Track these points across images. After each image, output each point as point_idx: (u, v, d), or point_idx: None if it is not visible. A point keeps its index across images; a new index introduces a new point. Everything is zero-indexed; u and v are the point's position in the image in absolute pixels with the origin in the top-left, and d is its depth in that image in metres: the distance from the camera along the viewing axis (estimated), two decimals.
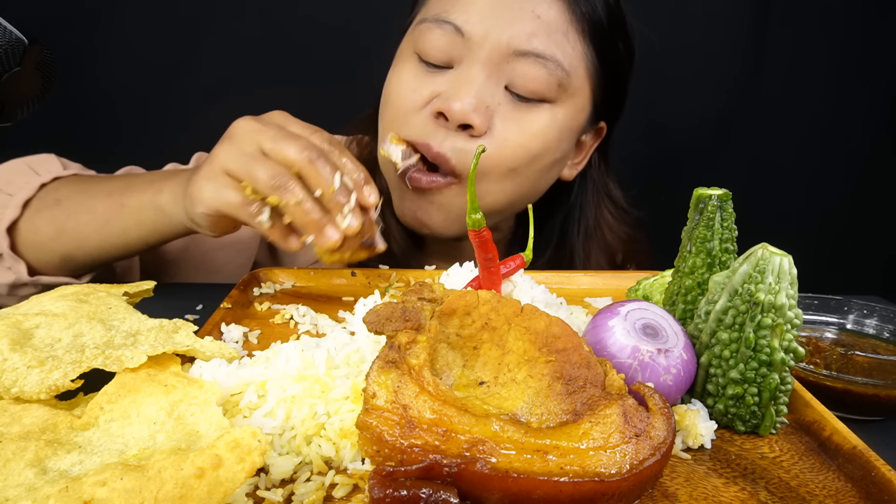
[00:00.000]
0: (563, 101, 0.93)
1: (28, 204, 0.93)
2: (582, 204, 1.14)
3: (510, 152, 0.91)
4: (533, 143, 0.92)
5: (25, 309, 0.69)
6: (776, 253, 0.62)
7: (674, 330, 0.67)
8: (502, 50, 0.90)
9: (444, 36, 0.91)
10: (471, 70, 0.90)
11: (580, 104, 0.97)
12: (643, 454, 0.50)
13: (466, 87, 0.89)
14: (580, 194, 1.14)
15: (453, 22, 0.91)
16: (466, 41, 0.91)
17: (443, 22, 0.91)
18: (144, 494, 0.44)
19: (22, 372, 0.57)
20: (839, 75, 1.91)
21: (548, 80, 0.90)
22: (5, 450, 0.49)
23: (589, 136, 1.08)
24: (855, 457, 0.58)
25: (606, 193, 1.15)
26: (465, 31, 0.90)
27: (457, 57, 0.92)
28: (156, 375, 0.59)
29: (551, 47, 0.90)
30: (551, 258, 1.15)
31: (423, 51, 0.94)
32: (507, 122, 0.91)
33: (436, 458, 0.47)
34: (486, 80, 0.90)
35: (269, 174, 0.72)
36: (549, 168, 0.98)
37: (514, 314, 0.61)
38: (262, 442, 0.48)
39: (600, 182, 1.15)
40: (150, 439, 0.53)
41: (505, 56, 0.90)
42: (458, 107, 0.88)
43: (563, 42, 0.92)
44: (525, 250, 0.82)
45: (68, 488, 0.44)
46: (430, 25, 0.93)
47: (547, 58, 0.90)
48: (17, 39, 0.84)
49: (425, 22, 0.94)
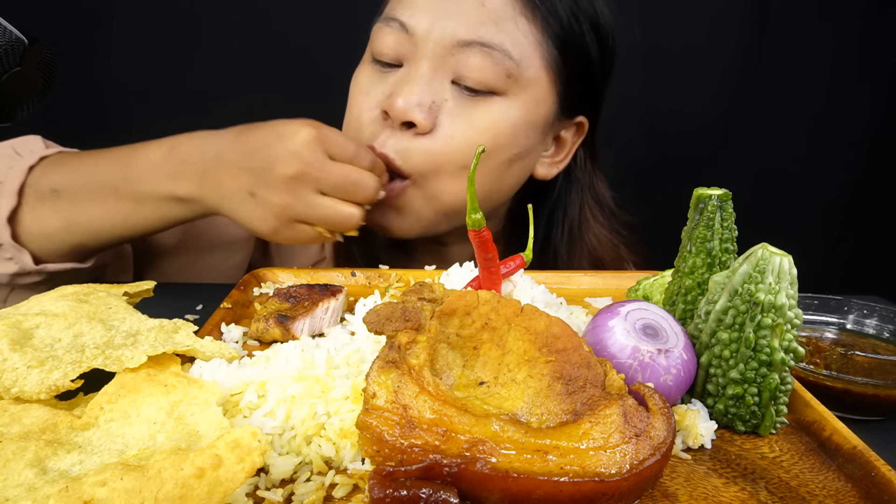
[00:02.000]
0: (516, 93, 0.90)
1: (22, 190, 0.90)
2: (566, 204, 1.09)
3: (457, 149, 0.88)
4: (483, 139, 0.88)
5: (25, 309, 0.69)
6: (776, 253, 0.62)
7: (674, 330, 0.67)
8: (447, 42, 0.87)
9: (392, 34, 0.90)
10: (417, 67, 0.88)
11: (538, 96, 0.92)
12: (643, 454, 0.50)
13: (409, 85, 0.87)
14: (563, 194, 1.10)
15: (399, 18, 0.90)
16: (412, 37, 0.89)
17: (390, 20, 0.91)
18: (144, 494, 0.44)
19: (22, 372, 0.57)
20: (840, 75, 1.91)
21: (494, 69, 0.86)
22: (5, 450, 0.49)
23: (569, 133, 1.04)
24: (855, 457, 0.58)
25: (592, 194, 1.11)
26: (409, 26, 0.89)
27: (404, 54, 0.90)
28: (156, 375, 0.59)
29: (498, 35, 0.87)
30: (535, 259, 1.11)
31: (376, 52, 0.93)
32: (455, 118, 0.88)
33: (436, 458, 0.47)
34: (432, 75, 0.88)
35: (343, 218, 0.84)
36: (507, 164, 0.94)
37: (514, 314, 0.61)
38: (262, 442, 0.48)
39: (586, 181, 1.10)
40: (150, 439, 0.53)
41: (449, 49, 0.87)
42: (400, 104, 0.86)
43: (511, 30, 0.88)
44: (525, 250, 0.82)
45: (68, 488, 0.44)
46: (380, 25, 0.92)
47: (493, 46, 0.86)
48: (17, 39, 0.84)
49: (377, 23, 0.94)
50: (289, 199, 0.83)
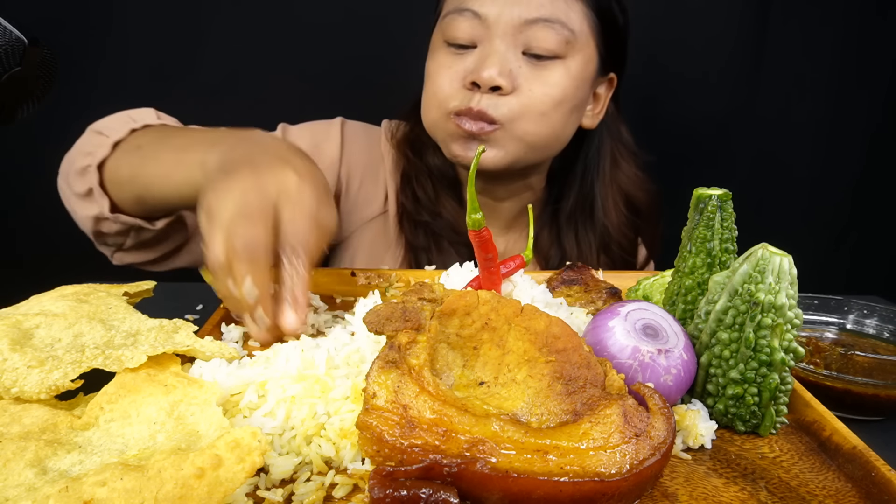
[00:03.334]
0: (573, 56, 1.11)
1: (118, 146, 1.05)
2: (599, 148, 1.29)
3: (538, 100, 1.09)
4: (555, 91, 1.10)
5: (25, 309, 0.69)
6: (776, 253, 0.62)
7: (674, 330, 0.67)
8: (515, 23, 1.07)
9: (466, 21, 1.10)
10: (492, 44, 1.08)
11: (587, 56, 1.14)
12: (643, 454, 0.50)
13: (491, 59, 1.07)
14: (598, 142, 1.29)
15: (471, 8, 1.09)
16: (484, 22, 1.09)
17: (463, 10, 1.10)
18: (144, 494, 0.44)
19: (22, 372, 0.57)
20: (840, 75, 1.91)
21: (557, 39, 1.08)
22: (5, 450, 0.49)
23: (603, 88, 1.24)
24: (855, 457, 0.58)
25: (620, 139, 1.31)
26: (481, 13, 1.08)
27: (478, 37, 1.10)
28: (156, 375, 0.59)
29: (556, 12, 1.08)
30: (573, 208, 1.29)
31: (450, 37, 1.11)
32: (530, 79, 1.09)
33: (436, 458, 0.47)
34: (506, 49, 1.08)
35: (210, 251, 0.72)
36: (570, 112, 1.15)
37: (514, 314, 0.61)
38: (262, 442, 0.48)
39: (613, 128, 1.30)
40: (150, 439, 0.53)
41: (518, 27, 1.08)
42: (487, 74, 1.06)
43: (564, 7, 1.10)
44: (525, 250, 0.82)
45: (68, 488, 0.44)
46: (453, 16, 1.11)
47: (553, 21, 1.07)
48: (17, 39, 0.84)
49: (449, 14, 1.12)
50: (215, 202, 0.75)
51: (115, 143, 1.06)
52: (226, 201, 0.74)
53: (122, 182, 1.04)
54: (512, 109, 1.08)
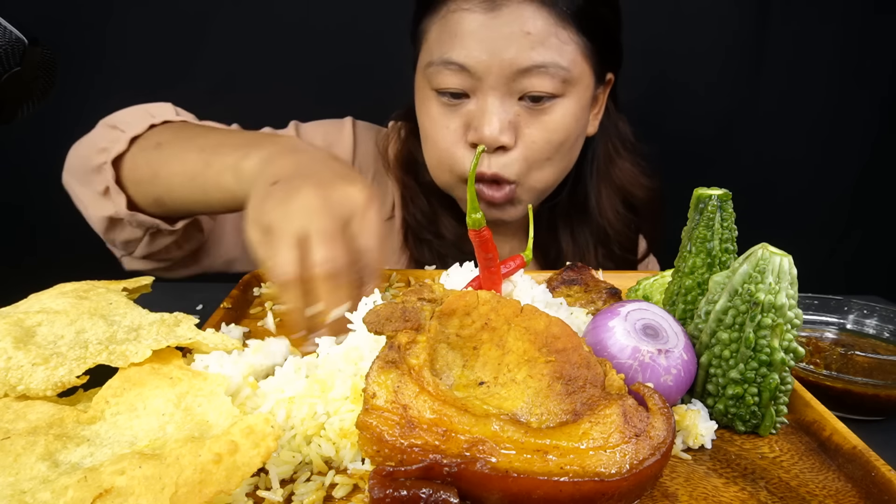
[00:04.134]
0: (571, 91, 1.05)
1: (135, 141, 1.00)
2: (595, 148, 1.26)
3: (540, 148, 1.06)
4: (557, 136, 1.06)
5: (25, 307, 0.69)
6: (776, 253, 0.62)
7: (674, 330, 0.67)
8: (507, 73, 1.01)
9: (453, 74, 1.03)
10: (486, 99, 1.03)
11: (585, 84, 1.08)
12: (643, 454, 0.50)
13: (488, 116, 1.02)
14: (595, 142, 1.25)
15: (456, 61, 1.02)
16: (473, 74, 1.02)
17: (448, 62, 1.03)
18: (165, 480, 0.45)
19: (27, 370, 0.57)
20: (840, 75, 1.91)
21: (553, 82, 1.02)
22: (15, 445, 0.49)
23: (601, 90, 1.20)
24: (855, 457, 0.58)
25: (616, 134, 1.27)
26: (468, 66, 1.01)
27: (470, 88, 1.04)
28: (160, 369, 0.59)
29: (549, 54, 1.01)
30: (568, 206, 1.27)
31: (439, 88, 1.06)
32: (531, 126, 1.04)
33: (436, 457, 0.47)
34: (502, 102, 1.03)
35: (281, 264, 0.71)
36: (575, 143, 1.13)
37: (513, 314, 0.61)
38: (275, 427, 0.49)
39: (609, 124, 1.26)
40: (160, 430, 0.53)
41: (511, 77, 1.01)
42: (489, 132, 1.01)
43: (557, 45, 1.02)
44: (525, 250, 0.82)
45: (87, 478, 0.44)
46: (438, 68, 1.04)
47: (548, 65, 1.00)
48: (17, 39, 0.84)
49: (433, 66, 1.05)
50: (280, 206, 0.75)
51: (133, 138, 1.01)
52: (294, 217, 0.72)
53: (141, 181, 0.99)
54: (521, 165, 1.06)
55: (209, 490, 0.45)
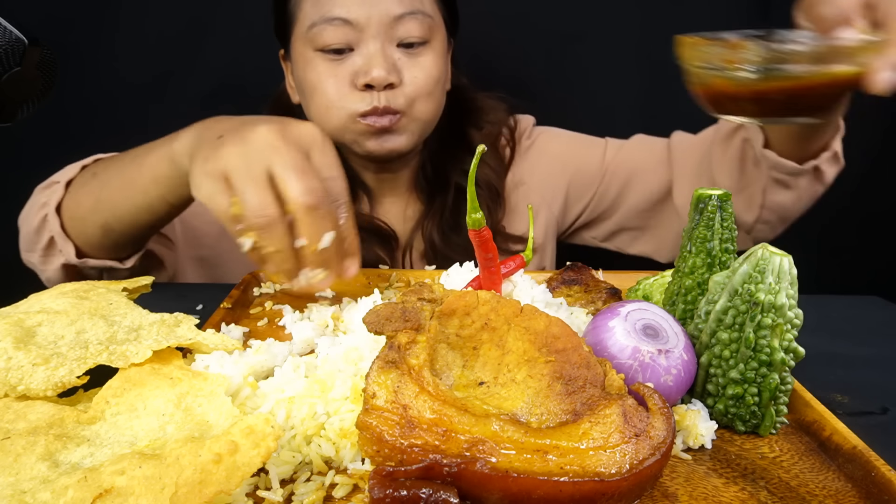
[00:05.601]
0: (435, 37, 1.21)
1: (70, 185, 1.03)
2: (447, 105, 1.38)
3: (423, 84, 1.19)
4: (433, 72, 1.20)
5: (26, 307, 0.69)
6: (776, 253, 0.62)
7: (674, 330, 0.67)
8: (385, 21, 1.15)
9: (336, 29, 1.14)
10: (370, 45, 1.15)
11: (442, 32, 1.25)
12: (643, 454, 0.50)
13: (375, 59, 1.14)
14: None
15: (339, 16, 1.14)
16: (355, 27, 1.14)
17: (331, 19, 1.14)
18: (164, 480, 0.45)
19: (28, 370, 0.57)
20: None
21: (422, 27, 1.17)
22: (15, 445, 0.49)
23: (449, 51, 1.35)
24: (855, 457, 0.58)
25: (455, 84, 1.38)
26: (350, 19, 1.13)
27: (352, 40, 1.15)
28: (160, 369, 0.59)
29: (416, 4, 1.17)
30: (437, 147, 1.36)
31: (323, 45, 1.16)
32: (410, 67, 1.18)
33: (436, 458, 0.48)
34: (383, 47, 1.15)
35: (259, 205, 0.69)
36: (444, 86, 1.28)
37: (513, 314, 0.61)
38: (275, 428, 0.49)
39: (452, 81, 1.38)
40: (160, 430, 0.53)
41: (388, 24, 1.15)
42: (378, 75, 1.12)
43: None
44: (525, 251, 0.82)
45: (87, 478, 0.44)
46: (322, 27, 1.15)
47: (416, 12, 1.16)
48: (17, 39, 0.84)
49: (316, 26, 1.15)
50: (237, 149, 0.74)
51: (68, 182, 1.02)
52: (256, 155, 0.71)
53: (84, 215, 0.99)
54: (407, 98, 1.17)
55: (209, 490, 0.45)
